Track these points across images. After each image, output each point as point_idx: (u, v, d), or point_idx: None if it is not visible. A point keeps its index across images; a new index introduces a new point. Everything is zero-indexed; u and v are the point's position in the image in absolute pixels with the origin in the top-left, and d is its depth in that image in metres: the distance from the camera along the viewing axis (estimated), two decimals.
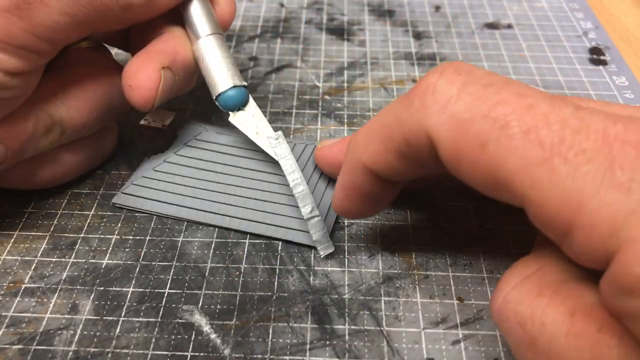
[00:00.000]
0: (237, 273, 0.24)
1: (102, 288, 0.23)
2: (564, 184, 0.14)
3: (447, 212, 0.27)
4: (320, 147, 0.26)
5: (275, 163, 0.26)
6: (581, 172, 0.14)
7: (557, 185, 0.14)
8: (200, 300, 0.23)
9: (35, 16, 0.20)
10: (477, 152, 0.16)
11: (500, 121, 0.15)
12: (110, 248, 0.25)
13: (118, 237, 0.25)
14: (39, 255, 0.25)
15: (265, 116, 0.32)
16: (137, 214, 0.27)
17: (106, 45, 0.29)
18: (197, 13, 0.26)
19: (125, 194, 0.27)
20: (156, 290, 0.23)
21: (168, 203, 0.26)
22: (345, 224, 0.26)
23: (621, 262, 0.13)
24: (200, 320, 0.22)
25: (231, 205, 0.26)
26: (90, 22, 0.22)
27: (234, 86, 0.26)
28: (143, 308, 0.23)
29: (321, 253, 0.24)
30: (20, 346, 0.21)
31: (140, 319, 0.22)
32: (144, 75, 0.24)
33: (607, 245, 0.14)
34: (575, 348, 0.15)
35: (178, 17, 0.26)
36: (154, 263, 0.24)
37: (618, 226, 0.13)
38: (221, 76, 0.25)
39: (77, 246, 0.25)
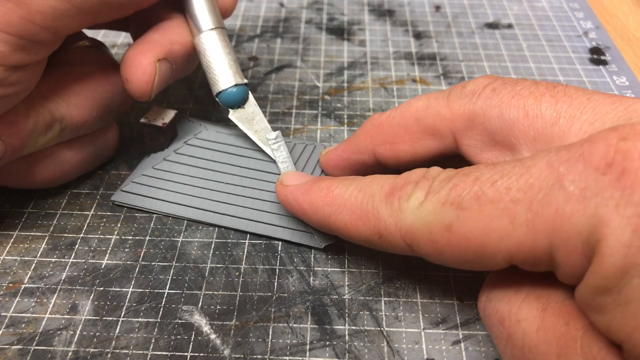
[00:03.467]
0: (237, 273, 0.24)
1: (101, 288, 0.23)
2: (527, 220, 0.15)
3: None
4: (324, 153, 0.26)
5: (275, 162, 0.26)
6: (536, 202, 0.15)
7: (521, 225, 0.15)
8: (200, 301, 0.23)
9: (32, 2, 0.20)
10: (447, 235, 0.17)
11: (455, 202, 0.17)
12: (110, 248, 0.25)
13: (118, 237, 0.25)
14: (38, 255, 0.25)
15: (265, 116, 0.32)
16: (136, 214, 0.26)
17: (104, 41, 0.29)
18: (199, 5, 0.25)
19: (125, 191, 0.27)
20: (156, 291, 0.23)
21: (167, 201, 0.26)
22: None
23: (593, 265, 0.14)
24: (200, 320, 0.22)
25: (231, 204, 0.26)
26: (90, 10, 0.22)
27: (236, 84, 0.26)
28: (143, 308, 0.23)
29: (322, 244, 0.24)
30: (19, 346, 0.21)
31: (140, 319, 0.22)
32: (139, 68, 0.24)
33: (585, 255, 0.14)
34: (544, 341, 0.16)
35: (177, 3, 0.26)
36: (153, 263, 0.24)
37: (586, 234, 0.14)
38: (223, 73, 0.25)
39: (76, 246, 0.25)
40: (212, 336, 0.22)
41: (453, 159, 0.22)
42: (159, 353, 0.21)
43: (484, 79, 0.21)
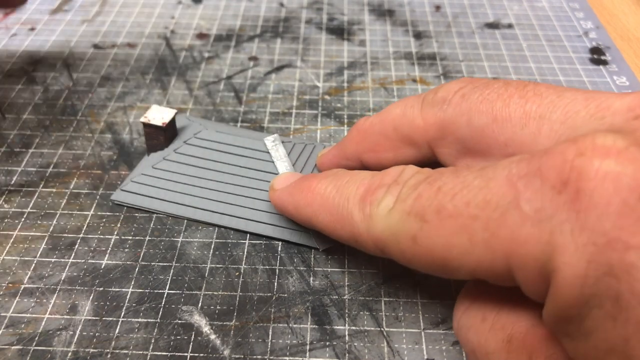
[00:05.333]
0: (237, 274, 0.24)
1: (101, 288, 0.23)
2: (484, 239, 0.15)
3: None
4: (320, 156, 0.26)
5: (274, 162, 0.26)
6: (492, 221, 0.14)
7: (479, 243, 0.15)
8: (200, 301, 0.23)
9: None
10: (413, 246, 0.17)
11: (419, 213, 0.16)
12: (110, 248, 0.25)
13: (117, 237, 0.25)
14: (38, 255, 0.25)
15: (265, 116, 0.32)
16: (136, 214, 0.26)
17: None
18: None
19: (125, 191, 0.27)
20: (156, 291, 0.23)
21: (167, 201, 0.26)
22: None
23: (551, 295, 0.14)
24: (199, 320, 0.22)
25: (230, 204, 0.26)
26: None
27: None
28: (142, 309, 0.23)
29: (320, 247, 0.24)
30: (19, 347, 0.21)
31: (140, 320, 0.22)
32: None
33: (543, 280, 0.14)
34: None
35: None
36: (153, 263, 0.24)
37: (542, 261, 0.14)
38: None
39: (76, 246, 0.25)
40: (212, 336, 0.22)
41: (436, 164, 0.22)
42: (159, 353, 0.21)
43: (455, 84, 0.21)
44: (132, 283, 0.24)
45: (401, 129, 0.22)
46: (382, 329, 0.22)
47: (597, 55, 0.38)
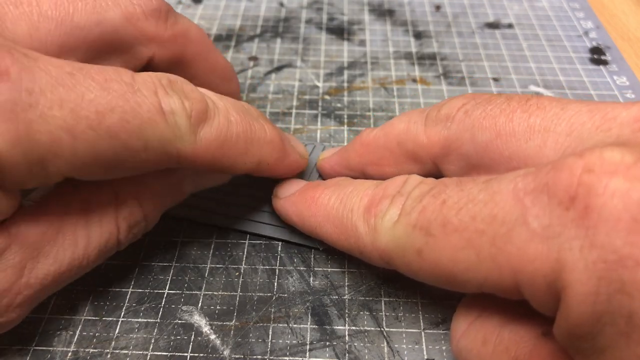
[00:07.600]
0: (237, 274, 0.24)
1: (101, 288, 0.23)
2: (491, 254, 0.15)
3: None
4: (322, 158, 0.26)
5: None
6: (499, 237, 0.14)
7: (486, 258, 0.15)
8: (200, 301, 0.23)
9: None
10: (418, 260, 0.17)
11: (424, 227, 0.16)
12: None
13: None
14: None
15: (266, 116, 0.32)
16: None
17: None
18: None
19: None
20: (155, 291, 0.23)
21: None
22: None
23: (562, 311, 0.13)
24: (199, 321, 0.22)
25: (231, 204, 0.26)
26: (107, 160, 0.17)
27: None
28: (142, 309, 0.23)
29: (320, 247, 0.24)
30: (19, 346, 0.21)
31: (140, 320, 0.22)
32: None
33: (552, 297, 0.14)
34: None
35: None
36: (153, 263, 0.24)
37: (551, 278, 0.13)
38: None
39: None
40: (212, 336, 0.22)
41: (441, 176, 0.22)
42: (159, 353, 0.21)
43: (458, 100, 0.21)
44: (132, 283, 0.24)
45: (405, 145, 0.22)
46: (382, 329, 0.22)
47: (597, 55, 0.38)
